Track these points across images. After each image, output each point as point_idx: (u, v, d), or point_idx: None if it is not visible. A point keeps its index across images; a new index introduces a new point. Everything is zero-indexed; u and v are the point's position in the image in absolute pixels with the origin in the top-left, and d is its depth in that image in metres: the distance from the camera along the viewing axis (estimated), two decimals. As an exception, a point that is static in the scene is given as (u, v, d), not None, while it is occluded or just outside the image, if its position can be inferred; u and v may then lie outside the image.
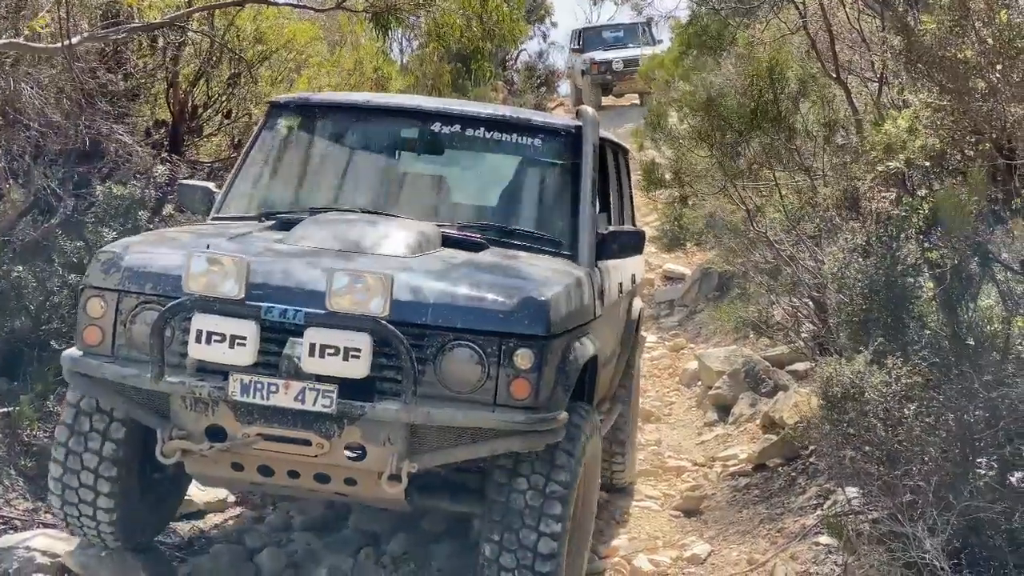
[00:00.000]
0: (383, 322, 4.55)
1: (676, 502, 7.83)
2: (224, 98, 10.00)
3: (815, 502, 6.87)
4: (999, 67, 4.87)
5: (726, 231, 8.09)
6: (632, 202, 7.99)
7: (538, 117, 6.44)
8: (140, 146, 8.55)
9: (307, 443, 4.72)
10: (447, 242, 5.53)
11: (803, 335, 7.78)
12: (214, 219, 6.06)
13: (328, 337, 4.59)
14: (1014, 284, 5.24)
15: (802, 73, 6.86)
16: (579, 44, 28.23)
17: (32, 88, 7.60)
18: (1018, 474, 4.65)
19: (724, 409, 9.66)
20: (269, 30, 9.80)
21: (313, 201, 6.07)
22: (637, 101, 26.38)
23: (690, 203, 8.88)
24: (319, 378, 4.62)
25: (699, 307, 13.24)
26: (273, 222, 5.78)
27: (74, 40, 6.79)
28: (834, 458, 5.08)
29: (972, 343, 5.06)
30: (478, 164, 6.53)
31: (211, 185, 6.26)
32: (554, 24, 33.12)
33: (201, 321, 4.66)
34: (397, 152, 6.41)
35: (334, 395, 4.60)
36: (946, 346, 5.06)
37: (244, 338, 4.62)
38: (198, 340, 4.65)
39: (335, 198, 6.16)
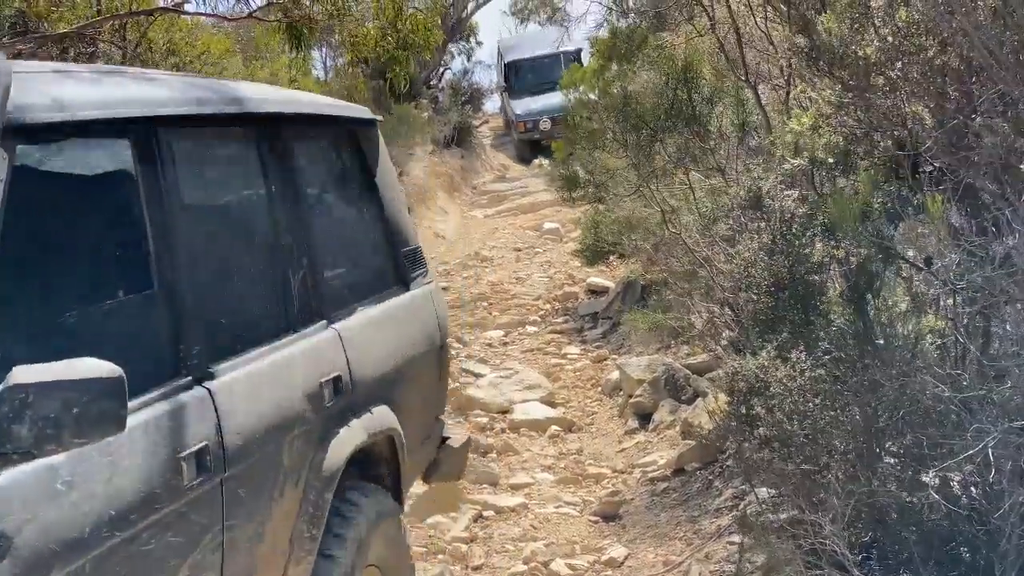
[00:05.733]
0: None
1: (595, 508, 7.83)
2: (138, 110, 9.86)
3: (730, 503, 6.91)
4: (899, 64, 4.93)
5: (642, 234, 8.12)
6: (385, 213, 5.27)
7: None
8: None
9: None
10: None
11: (722, 342, 7.83)
12: None
13: None
14: (919, 282, 5.28)
15: (714, 76, 6.91)
16: (504, 79, 28.26)
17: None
18: (926, 468, 4.68)
19: (645, 417, 9.69)
20: (182, 42, 9.70)
21: None
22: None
23: (608, 210, 8.90)
24: None
25: (622, 319, 13.29)
26: None
27: (-23, 47, 6.69)
28: (740, 452, 5.09)
29: (881, 341, 5.10)
30: None
31: None
32: (479, 43, 32.99)
33: None
34: None
35: None
36: (851, 342, 5.09)
37: None
38: None
39: None
